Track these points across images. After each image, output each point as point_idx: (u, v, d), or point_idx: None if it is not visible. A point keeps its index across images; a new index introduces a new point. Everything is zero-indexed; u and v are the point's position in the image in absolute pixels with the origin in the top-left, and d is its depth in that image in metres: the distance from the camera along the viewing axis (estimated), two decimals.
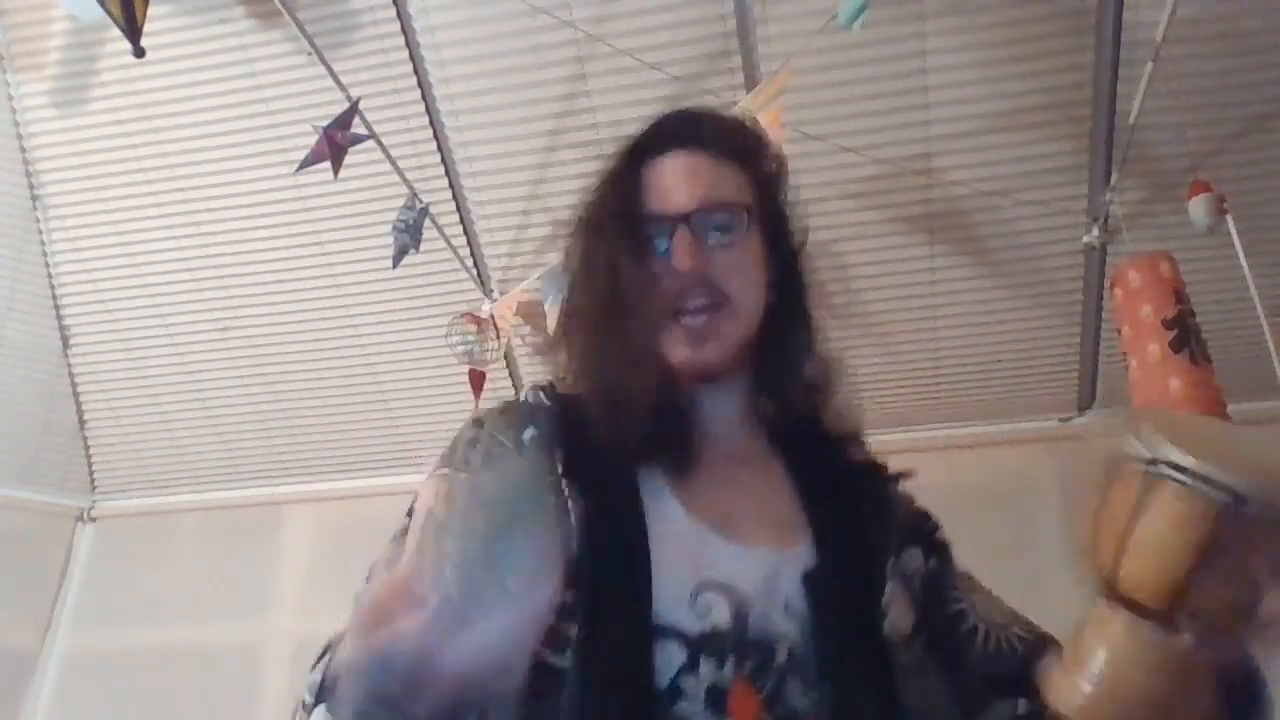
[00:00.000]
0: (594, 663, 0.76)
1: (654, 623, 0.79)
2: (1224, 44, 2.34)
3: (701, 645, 0.78)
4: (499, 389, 2.91)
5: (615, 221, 0.96)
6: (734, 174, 0.98)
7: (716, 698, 0.77)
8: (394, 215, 2.47)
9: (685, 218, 0.93)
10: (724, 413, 0.96)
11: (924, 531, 1.02)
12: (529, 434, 0.89)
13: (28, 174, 2.92)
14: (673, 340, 0.92)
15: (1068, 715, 0.67)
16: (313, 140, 2.21)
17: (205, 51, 2.61)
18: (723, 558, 0.83)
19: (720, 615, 0.79)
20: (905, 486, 1.06)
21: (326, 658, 0.76)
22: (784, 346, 1.00)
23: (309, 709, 0.75)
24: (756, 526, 0.87)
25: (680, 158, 0.97)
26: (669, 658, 0.78)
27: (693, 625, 0.79)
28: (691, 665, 0.78)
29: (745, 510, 0.89)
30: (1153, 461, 0.61)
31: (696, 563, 0.82)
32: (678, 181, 0.96)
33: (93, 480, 3.48)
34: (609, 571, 0.79)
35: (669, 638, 0.78)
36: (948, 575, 0.99)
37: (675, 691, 0.77)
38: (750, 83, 2.44)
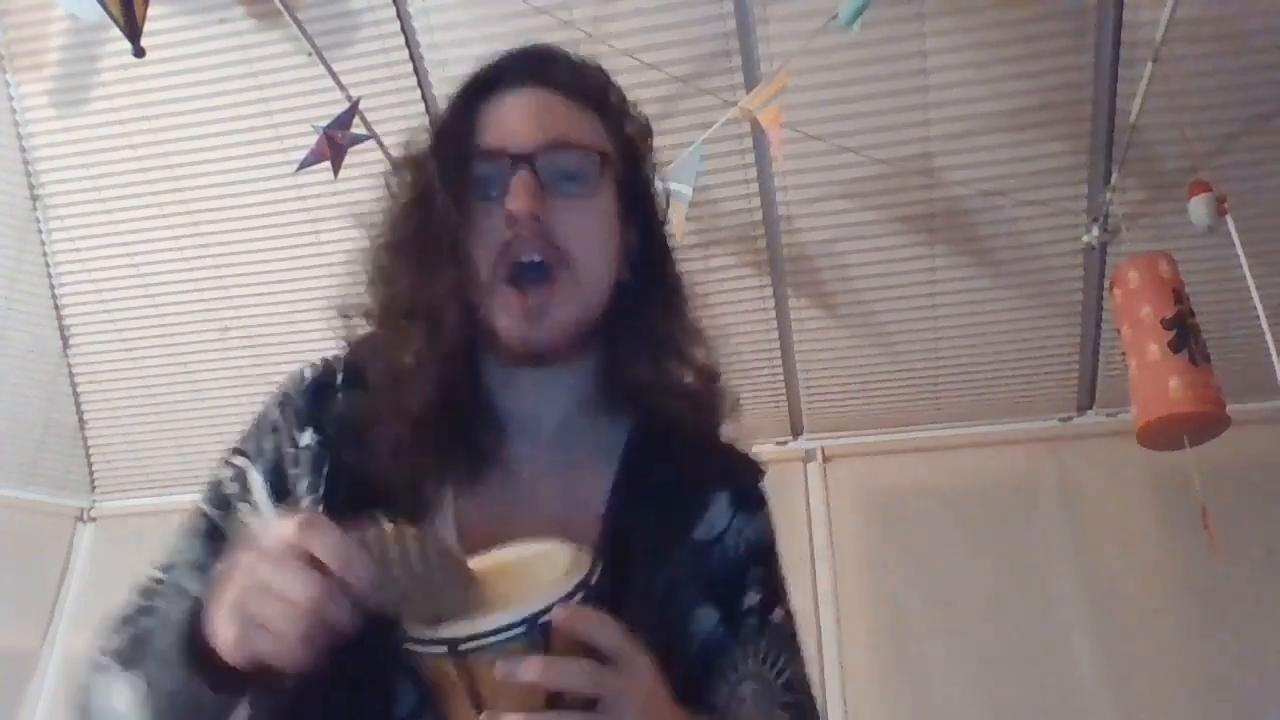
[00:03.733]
0: (334, 689, 0.67)
1: (400, 660, 0.66)
2: (1224, 44, 2.34)
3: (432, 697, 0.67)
4: None
5: (440, 152, 0.80)
6: (591, 121, 0.83)
7: None
8: None
9: (527, 158, 0.77)
10: (546, 405, 0.82)
11: (735, 592, 0.83)
12: (306, 439, 0.79)
13: (28, 174, 2.92)
14: (501, 306, 0.76)
15: None
16: (313, 140, 2.21)
17: (205, 51, 2.61)
18: None
19: None
20: (756, 516, 0.87)
21: None
22: (636, 335, 0.82)
23: None
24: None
25: (528, 94, 0.82)
26: (404, 697, 0.70)
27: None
28: (419, 712, 0.69)
29: (530, 531, 0.72)
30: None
31: None
32: (522, 117, 0.80)
33: (93, 480, 3.47)
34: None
35: (407, 676, 0.69)
36: (730, 650, 0.80)
37: None
38: (750, 83, 2.44)
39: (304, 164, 2.22)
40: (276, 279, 2.95)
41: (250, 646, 0.59)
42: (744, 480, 0.88)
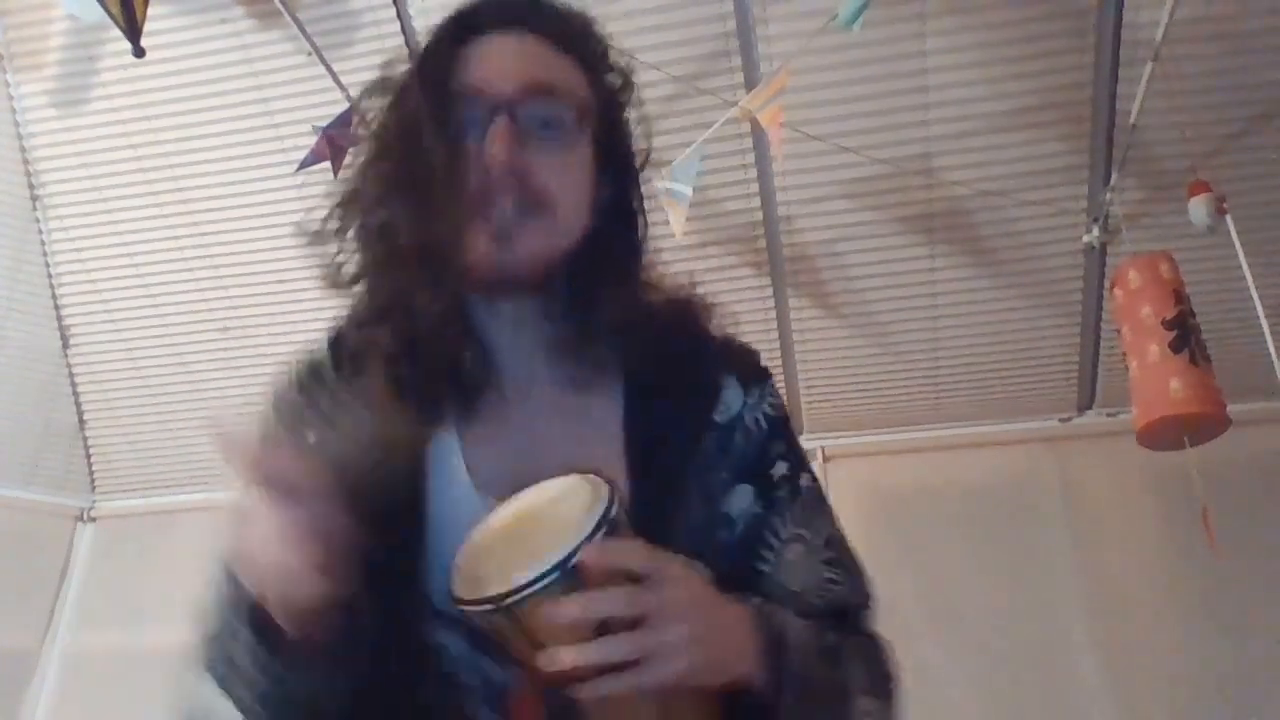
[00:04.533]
0: (378, 649, 0.70)
1: (436, 608, 0.71)
2: (1224, 44, 2.34)
3: (483, 640, 0.71)
4: None
5: (421, 87, 0.80)
6: (572, 70, 0.83)
7: (495, 695, 0.71)
8: None
9: (507, 103, 0.78)
10: (530, 332, 0.83)
11: (763, 466, 0.85)
12: (310, 413, 0.80)
13: (28, 174, 2.92)
14: (473, 234, 0.77)
15: None
16: (313, 140, 2.21)
17: (205, 51, 2.61)
18: None
19: None
20: (765, 390, 0.89)
21: None
22: (604, 265, 0.83)
23: None
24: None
25: (510, 38, 0.82)
26: (449, 648, 0.72)
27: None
28: (471, 662, 0.72)
29: (549, 463, 0.74)
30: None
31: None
32: (503, 62, 0.80)
33: (93, 480, 3.47)
34: (386, 554, 0.71)
35: (448, 627, 0.72)
36: (769, 520, 0.83)
37: (453, 684, 0.72)
38: (750, 83, 2.44)
39: (304, 164, 2.22)
40: (276, 279, 2.95)
41: (280, 597, 0.64)
42: (746, 360, 0.90)
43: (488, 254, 0.77)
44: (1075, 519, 2.89)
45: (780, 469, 0.85)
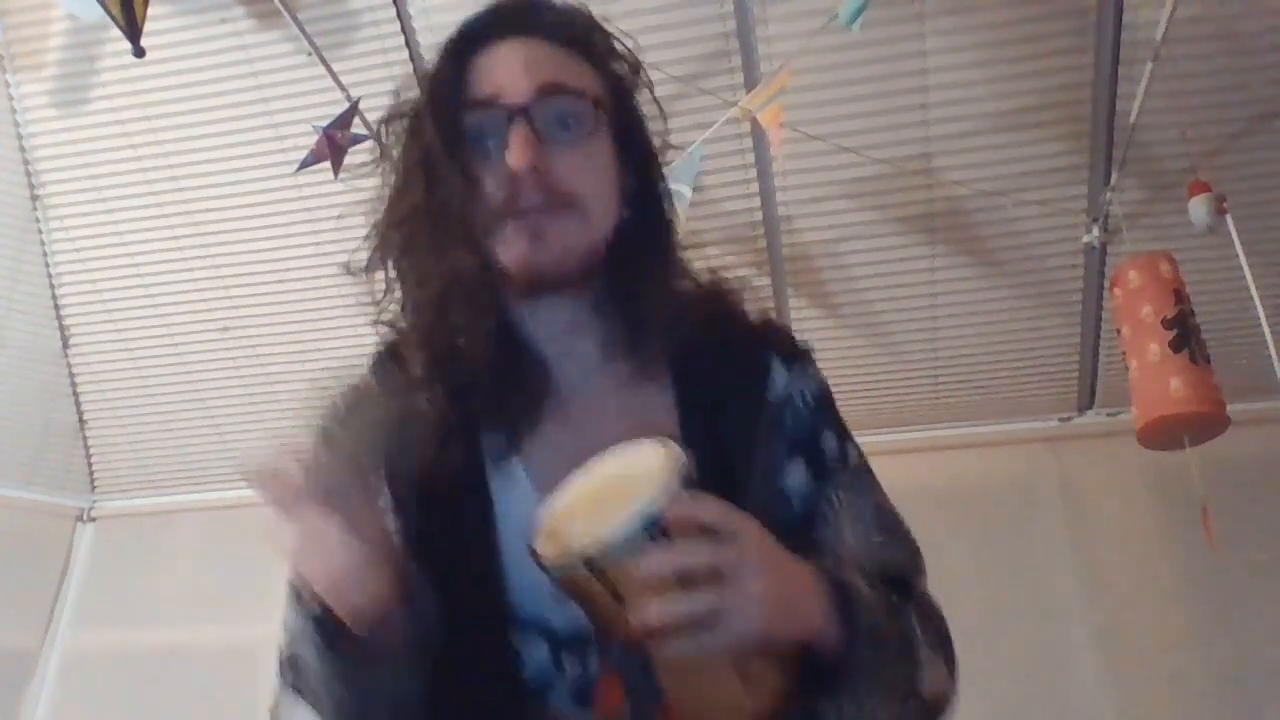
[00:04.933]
0: (457, 659, 0.73)
1: (517, 615, 0.74)
2: (1224, 44, 2.34)
3: (567, 642, 0.74)
4: None
5: (434, 115, 0.80)
6: (581, 66, 0.84)
7: (583, 692, 0.74)
8: None
9: (522, 109, 0.78)
10: (578, 332, 0.83)
11: (814, 440, 0.87)
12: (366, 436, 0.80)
13: (28, 174, 2.92)
14: (505, 240, 0.78)
15: None
16: (313, 140, 2.21)
17: (205, 51, 2.61)
18: None
19: None
20: (808, 366, 0.90)
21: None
22: (641, 256, 0.84)
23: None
24: None
25: (515, 45, 0.82)
26: (534, 654, 0.74)
27: (558, 619, 0.74)
28: (556, 663, 0.74)
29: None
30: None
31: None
32: (512, 68, 0.80)
33: (93, 480, 3.47)
34: (459, 568, 0.74)
35: (533, 632, 0.74)
36: (824, 491, 0.85)
37: (543, 687, 0.74)
38: (750, 83, 2.44)
39: (304, 164, 2.22)
40: (276, 279, 2.95)
41: (339, 599, 0.66)
42: (786, 339, 0.91)
43: (523, 255, 0.78)
44: (1075, 519, 2.88)
45: (829, 442, 0.87)
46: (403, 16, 2.50)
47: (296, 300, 2.96)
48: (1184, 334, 2.05)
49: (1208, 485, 2.09)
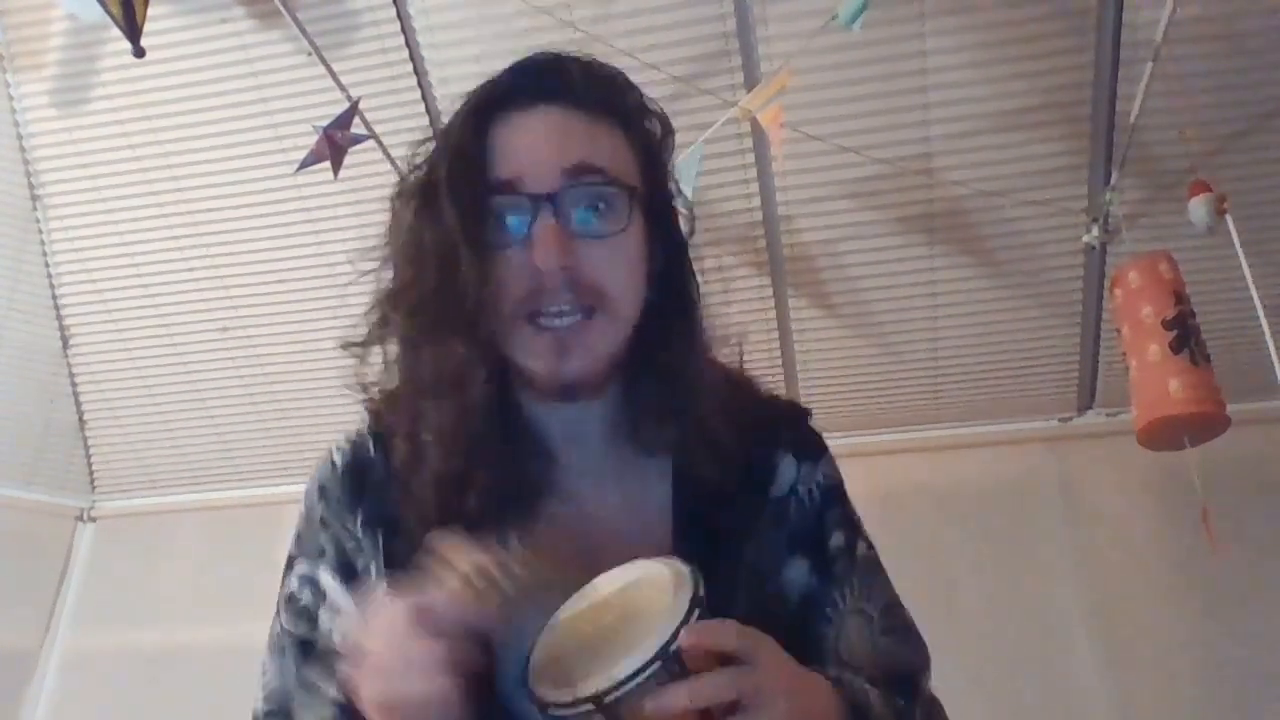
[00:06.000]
0: None
1: (510, 708, 0.70)
2: (1224, 44, 2.34)
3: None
4: None
5: (449, 188, 0.74)
6: (613, 137, 0.78)
7: None
8: None
9: (550, 196, 0.72)
10: (584, 435, 0.81)
11: (819, 536, 0.85)
12: (361, 518, 0.79)
13: (28, 174, 2.91)
14: (528, 346, 0.74)
15: None
16: (313, 140, 2.21)
17: (205, 51, 2.61)
18: None
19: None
20: (820, 462, 0.87)
21: None
22: (665, 350, 0.80)
23: None
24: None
25: (543, 116, 0.76)
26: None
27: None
28: None
29: (603, 551, 0.74)
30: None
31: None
32: (538, 147, 0.74)
33: (93, 480, 3.47)
34: None
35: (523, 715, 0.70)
36: (828, 592, 0.83)
37: None
38: (750, 83, 2.44)
39: (304, 164, 2.22)
40: (276, 279, 2.95)
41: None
42: (799, 429, 0.89)
43: (548, 366, 0.74)
44: (1075, 519, 2.88)
45: (837, 540, 0.84)
46: (403, 16, 2.50)
47: (296, 300, 2.96)
48: (1184, 334, 2.05)
49: (1208, 485, 2.09)
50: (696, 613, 0.61)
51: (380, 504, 0.78)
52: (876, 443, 3.10)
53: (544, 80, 0.77)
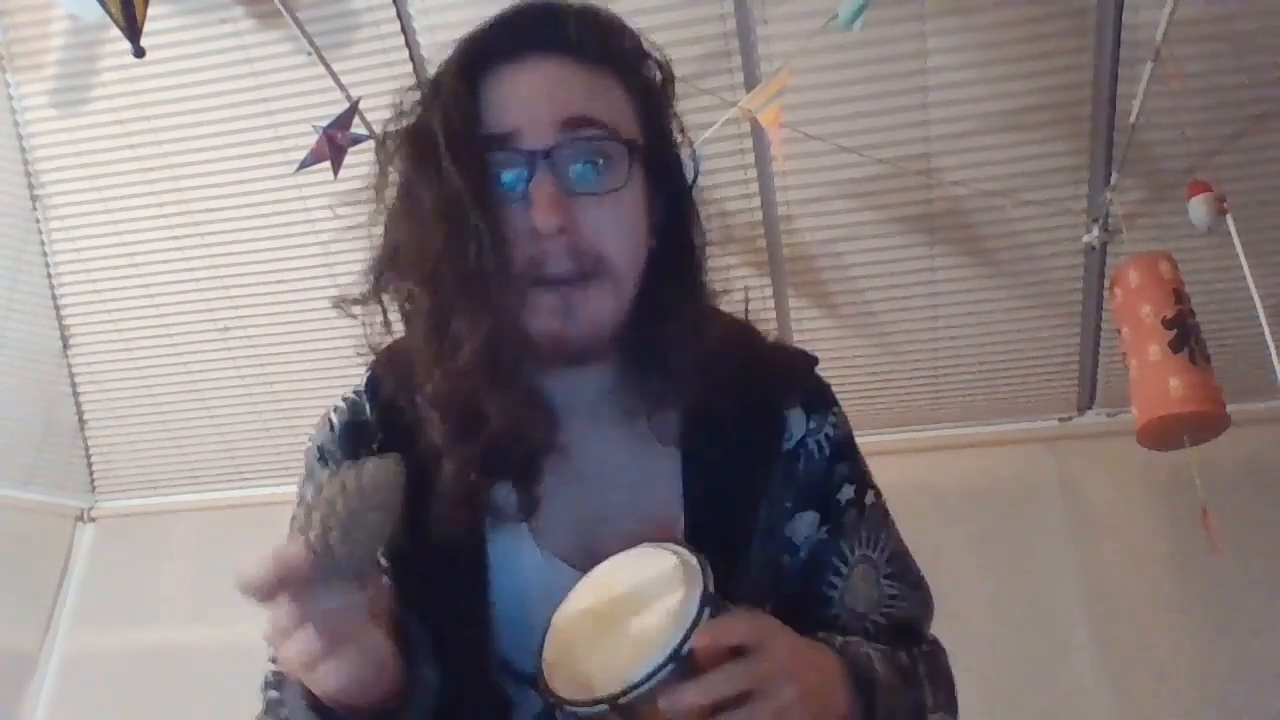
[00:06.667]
0: (450, 708, 0.68)
1: (510, 667, 0.71)
2: (1224, 44, 2.34)
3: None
4: None
5: (448, 146, 0.71)
6: (611, 88, 0.75)
7: None
8: None
9: (547, 151, 0.70)
10: (589, 398, 0.80)
11: (827, 489, 0.84)
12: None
13: (28, 174, 2.91)
14: (532, 308, 0.72)
15: None
16: (313, 140, 2.21)
17: (205, 51, 2.61)
18: None
19: None
20: (830, 413, 0.86)
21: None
22: (667, 309, 0.78)
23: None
24: (629, 536, 0.73)
25: (536, 66, 0.74)
26: (527, 704, 0.71)
27: None
28: (549, 714, 0.69)
29: (613, 518, 0.75)
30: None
31: (550, 610, 0.69)
32: (534, 100, 0.72)
33: (93, 480, 3.47)
34: (452, 622, 0.70)
35: (526, 684, 0.70)
36: (836, 545, 0.83)
37: None
38: (750, 83, 2.44)
39: (304, 164, 2.22)
40: (276, 279, 2.95)
41: (319, 685, 0.61)
42: (807, 382, 0.88)
43: (551, 329, 0.72)
44: (1075, 519, 2.88)
45: (846, 492, 0.85)
46: (403, 16, 2.50)
47: (296, 300, 2.96)
48: (1184, 334, 2.05)
49: (1208, 485, 2.09)
50: (707, 610, 0.61)
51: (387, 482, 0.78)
52: (876, 443, 3.09)
53: (538, 29, 0.75)
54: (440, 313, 0.73)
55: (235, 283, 2.98)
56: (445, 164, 0.71)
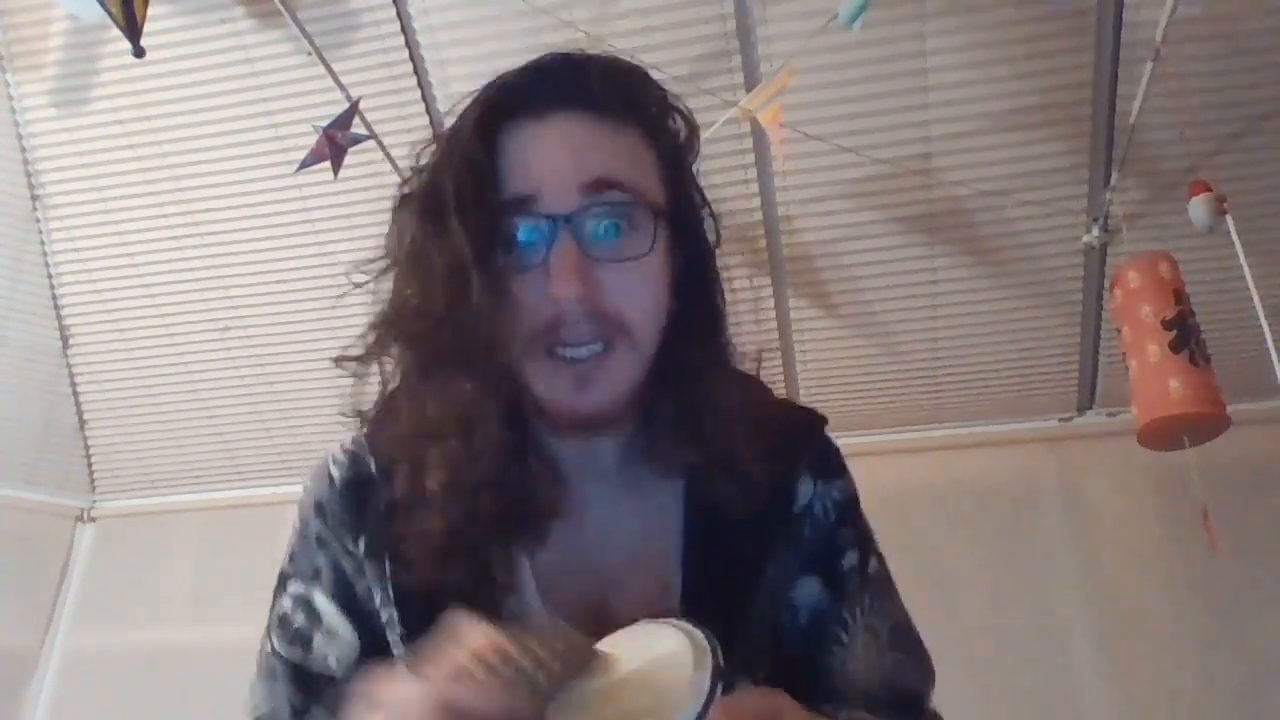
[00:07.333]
0: None
1: None
2: (1224, 44, 2.34)
3: None
4: None
5: (462, 207, 0.68)
6: (635, 146, 0.72)
7: None
8: None
9: (567, 216, 0.68)
10: (599, 464, 0.78)
11: (832, 555, 0.83)
12: (363, 544, 0.75)
13: (28, 174, 2.92)
14: (546, 379, 0.70)
15: None
16: (313, 140, 2.21)
17: (205, 51, 2.61)
18: None
19: None
20: (839, 475, 0.85)
21: None
22: (685, 373, 0.75)
23: None
24: (628, 595, 0.72)
25: (558, 125, 0.70)
26: None
27: None
28: None
29: (618, 573, 0.74)
30: None
31: None
32: (555, 161, 0.69)
33: (93, 480, 3.47)
34: None
35: None
36: (839, 612, 0.81)
37: None
38: (750, 83, 2.44)
39: (304, 164, 2.22)
40: (276, 279, 2.95)
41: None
42: (815, 446, 0.85)
43: (567, 400, 0.70)
44: (1075, 519, 2.88)
45: (850, 559, 0.83)
46: (403, 16, 2.50)
47: (296, 300, 2.96)
48: (1184, 334, 2.05)
49: (1208, 485, 2.09)
50: (720, 687, 0.60)
51: (384, 530, 0.75)
52: (876, 443, 3.10)
53: (560, 85, 0.71)
54: (438, 385, 0.70)
55: (235, 283, 2.98)
56: (454, 222, 0.68)
